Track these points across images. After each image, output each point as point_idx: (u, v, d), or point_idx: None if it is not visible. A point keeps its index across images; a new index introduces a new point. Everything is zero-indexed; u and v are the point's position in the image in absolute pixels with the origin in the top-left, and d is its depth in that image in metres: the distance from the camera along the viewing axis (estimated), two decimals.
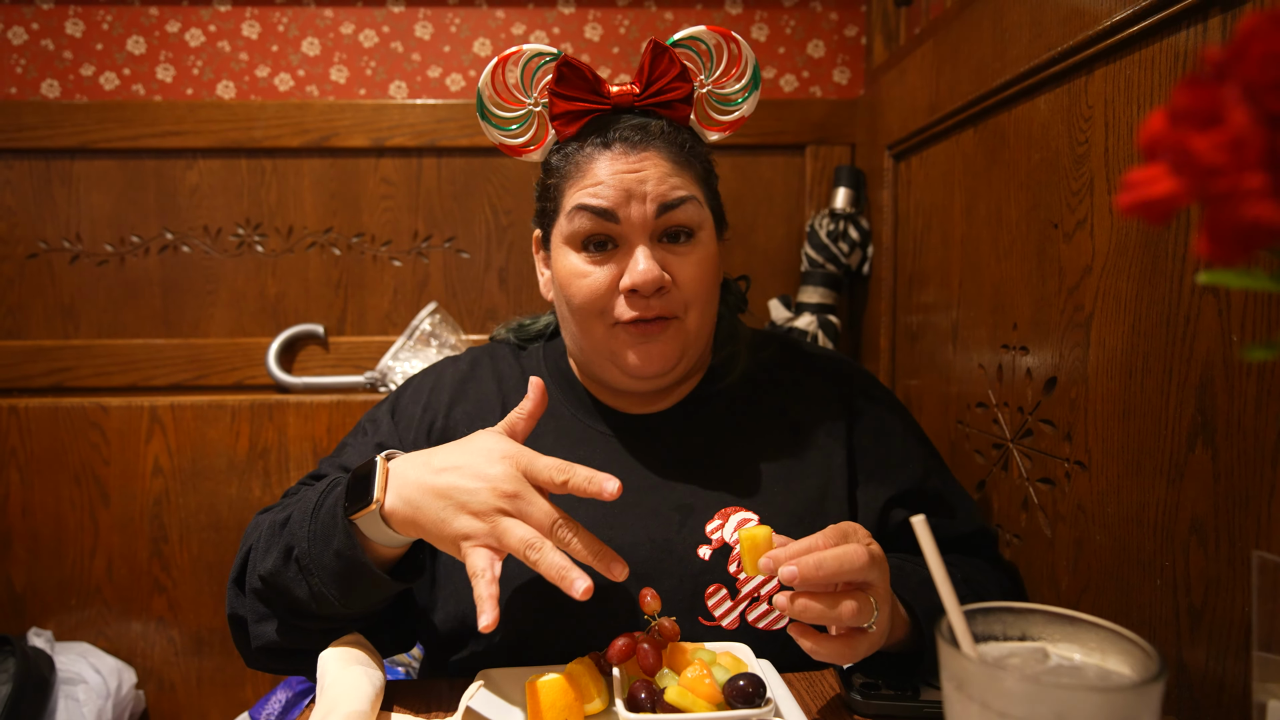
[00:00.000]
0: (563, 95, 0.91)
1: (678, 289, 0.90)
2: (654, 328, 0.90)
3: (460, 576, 0.91)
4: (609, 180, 0.88)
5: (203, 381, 1.75)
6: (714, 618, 0.88)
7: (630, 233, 0.89)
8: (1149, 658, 0.48)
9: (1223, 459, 0.73)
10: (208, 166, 1.74)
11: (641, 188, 0.88)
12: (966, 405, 1.22)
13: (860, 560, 0.70)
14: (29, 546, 1.68)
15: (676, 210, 0.89)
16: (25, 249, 1.73)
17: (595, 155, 0.89)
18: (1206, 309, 0.74)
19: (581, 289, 0.90)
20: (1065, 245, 0.95)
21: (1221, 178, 0.28)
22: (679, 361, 0.94)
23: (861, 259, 1.66)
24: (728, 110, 0.96)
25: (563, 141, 0.94)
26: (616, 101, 0.91)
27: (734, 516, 0.92)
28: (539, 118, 0.94)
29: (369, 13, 1.80)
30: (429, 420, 1.01)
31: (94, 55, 1.77)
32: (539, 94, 0.93)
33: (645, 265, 0.87)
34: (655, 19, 1.82)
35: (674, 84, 0.91)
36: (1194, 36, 0.75)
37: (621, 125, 0.90)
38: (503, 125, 0.94)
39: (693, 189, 0.91)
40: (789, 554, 0.70)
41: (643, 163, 0.88)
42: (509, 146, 0.95)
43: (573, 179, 0.91)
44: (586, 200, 0.88)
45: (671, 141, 0.91)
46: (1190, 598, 0.76)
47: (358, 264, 1.78)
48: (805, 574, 0.68)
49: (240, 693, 1.73)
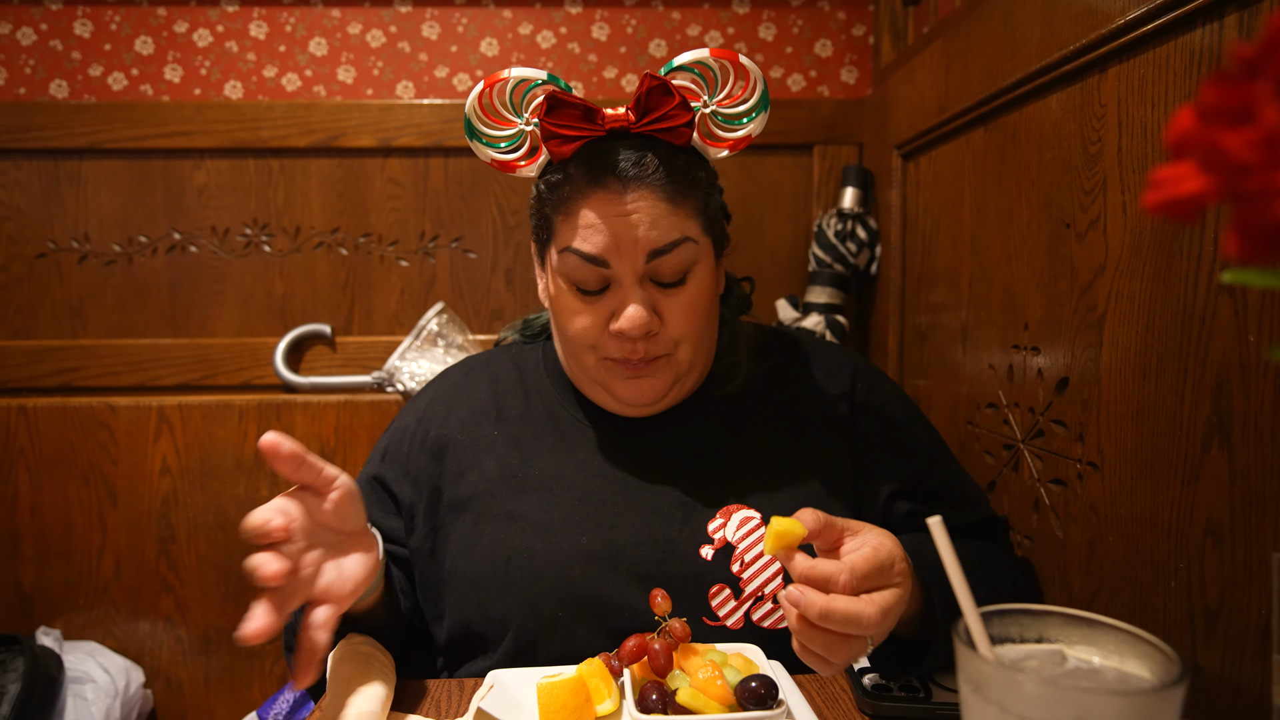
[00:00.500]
0: (555, 124, 0.87)
1: (666, 330, 0.89)
2: (642, 366, 0.90)
3: (463, 586, 0.91)
4: (598, 225, 0.86)
5: (210, 381, 1.75)
6: (718, 617, 0.88)
7: (620, 275, 0.87)
8: (1169, 661, 0.48)
9: (1239, 460, 0.72)
10: (215, 166, 1.74)
11: (632, 233, 0.85)
12: (976, 406, 1.22)
13: (869, 624, 0.66)
14: (37, 546, 1.69)
15: (667, 255, 0.87)
16: (34, 249, 1.73)
17: (586, 192, 0.86)
18: (1222, 309, 0.73)
19: (573, 325, 0.91)
20: (1078, 245, 0.95)
21: (1253, 176, 0.28)
22: (670, 390, 0.94)
23: (869, 259, 1.65)
24: (732, 129, 0.92)
25: (556, 163, 0.90)
26: (611, 128, 0.86)
27: (736, 515, 0.91)
28: (531, 135, 0.91)
29: (376, 13, 1.80)
30: (424, 431, 1.02)
31: (102, 56, 1.77)
32: (530, 113, 0.90)
33: (632, 311, 0.86)
34: (662, 18, 1.82)
35: (673, 113, 0.86)
36: (1210, 35, 0.74)
37: (615, 157, 0.86)
38: (493, 143, 0.92)
39: (687, 225, 0.88)
40: (804, 575, 0.68)
41: (635, 204, 0.85)
42: (500, 163, 0.92)
43: (562, 213, 0.89)
44: (576, 246, 0.87)
45: (668, 175, 0.86)
46: (1206, 600, 0.76)
47: (365, 264, 1.78)
48: (807, 615, 0.67)
49: (247, 692, 1.73)
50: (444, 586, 0.94)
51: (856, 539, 0.72)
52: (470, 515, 0.94)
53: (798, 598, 0.67)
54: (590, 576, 0.88)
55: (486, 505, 0.94)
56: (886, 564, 0.70)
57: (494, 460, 0.97)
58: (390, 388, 1.70)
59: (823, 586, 0.68)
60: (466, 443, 0.99)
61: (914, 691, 0.80)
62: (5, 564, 1.68)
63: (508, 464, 0.96)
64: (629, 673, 0.75)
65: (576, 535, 0.90)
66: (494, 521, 0.93)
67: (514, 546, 0.90)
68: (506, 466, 0.96)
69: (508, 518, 0.92)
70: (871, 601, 0.67)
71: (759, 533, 0.90)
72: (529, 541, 0.90)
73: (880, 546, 0.71)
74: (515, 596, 0.89)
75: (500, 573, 0.90)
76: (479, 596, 0.90)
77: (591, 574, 0.89)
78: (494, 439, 0.99)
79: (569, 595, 0.88)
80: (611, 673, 0.78)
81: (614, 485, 0.94)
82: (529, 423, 1.00)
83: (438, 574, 0.95)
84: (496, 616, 0.89)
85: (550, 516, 0.92)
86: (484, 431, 0.99)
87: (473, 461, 0.97)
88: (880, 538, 0.72)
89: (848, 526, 0.73)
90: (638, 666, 0.76)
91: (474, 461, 0.97)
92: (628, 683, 0.74)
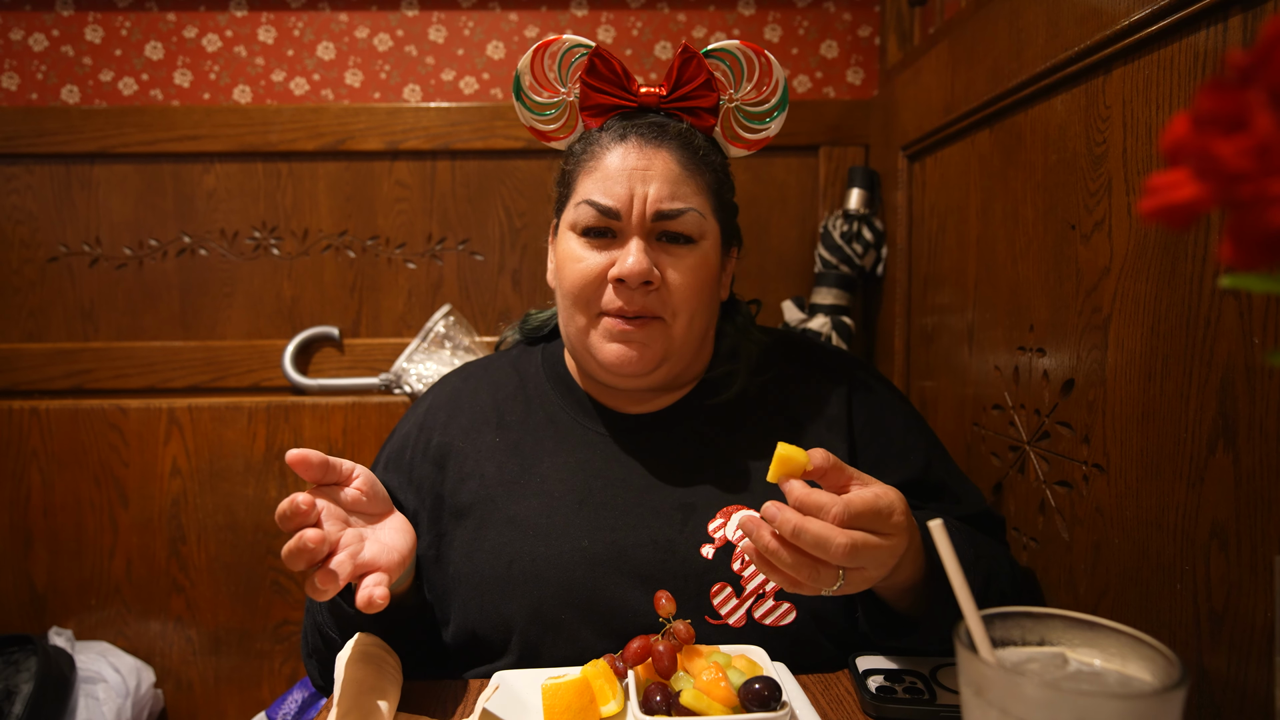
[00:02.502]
0: (593, 86, 0.94)
1: (667, 290, 0.91)
2: (635, 326, 0.91)
3: (467, 591, 0.92)
4: (617, 176, 0.90)
5: (220, 383, 1.76)
6: (720, 616, 0.88)
7: (628, 228, 0.91)
8: (1170, 664, 0.48)
9: (1244, 463, 0.72)
10: (224, 170, 1.76)
11: (644, 188, 0.90)
12: (983, 407, 1.22)
13: (837, 552, 0.67)
14: (50, 547, 1.71)
15: (673, 220, 0.91)
16: (46, 252, 1.75)
17: (610, 146, 0.93)
18: (1227, 311, 0.73)
19: (575, 272, 0.92)
20: (1083, 246, 0.94)
21: (1247, 184, 0.28)
22: (659, 364, 0.94)
23: (876, 260, 1.65)
24: (755, 130, 0.98)
25: (587, 131, 0.97)
26: (643, 100, 0.95)
27: (736, 515, 0.92)
28: (571, 108, 0.98)
29: (383, 17, 1.81)
30: (426, 439, 1.03)
31: (113, 61, 1.79)
32: (573, 83, 0.97)
33: (635, 259, 0.88)
34: (668, 21, 1.82)
35: (700, 91, 0.94)
36: (1214, 36, 0.74)
37: (641, 121, 0.93)
38: (537, 110, 0.98)
39: (697, 199, 0.92)
40: (798, 500, 0.69)
41: (653, 159, 0.91)
42: (539, 131, 1.00)
43: (585, 166, 0.94)
44: (593, 197, 0.91)
45: (686, 144, 0.93)
46: (1211, 603, 0.76)
47: (372, 266, 1.79)
48: (780, 530, 0.68)
49: (257, 692, 1.74)
50: (448, 592, 0.95)
51: (865, 488, 0.72)
52: (472, 521, 0.95)
53: (774, 514, 0.68)
54: (593, 579, 0.89)
55: (488, 511, 0.95)
56: (884, 511, 0.70)
57: (495, 466, 0.97)
58: (398, 389, 1.71)
59: (813, 514, 0.68)
60: (468, 449, 0.99)
61: (918, 694, 0.80)
62: (19, 564, 1.70)
63: (508, 469, 0.97)
64: (633, 674, 0.76)
65: (578, 538, 0.91)
66: (496, 527, 0.93)
67: (516, 551, 0.91)
68: (507, 472, 0.97)
69: (509, 522, 0.93)
70: (845, 533, 0.67)
71: None
72: (531, 546, 0.91)
73: (883, 495, 0.71)
74: (519, 601, 0.89)
75: (503, 577, 0.90)
76: (482, 601, 0.91)
77: (594, 576, 0.89)
78: (495, 445, 0.99)
79: (572, 598, 0.88)
80: (616, 674, 0.79)
81: (614, 488, 0.94)
82: (529, 428, 1.00)
83: (442, 580, 0.96)
84: (500, 621, 0.90)
85: (552, 520, 0.92)
86: (485, 438, 1.00)
87: (474, 468, 0.98)
88: (887, 490, 0.72)
89: (857, 475, 0.73)
90: (642, 668, 0.77)
91: (475, 468, 0.98)
92: (632, 684, 0.74)
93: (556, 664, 0.87)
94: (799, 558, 0.68)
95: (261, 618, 1.71)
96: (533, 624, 0.89)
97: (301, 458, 0.74)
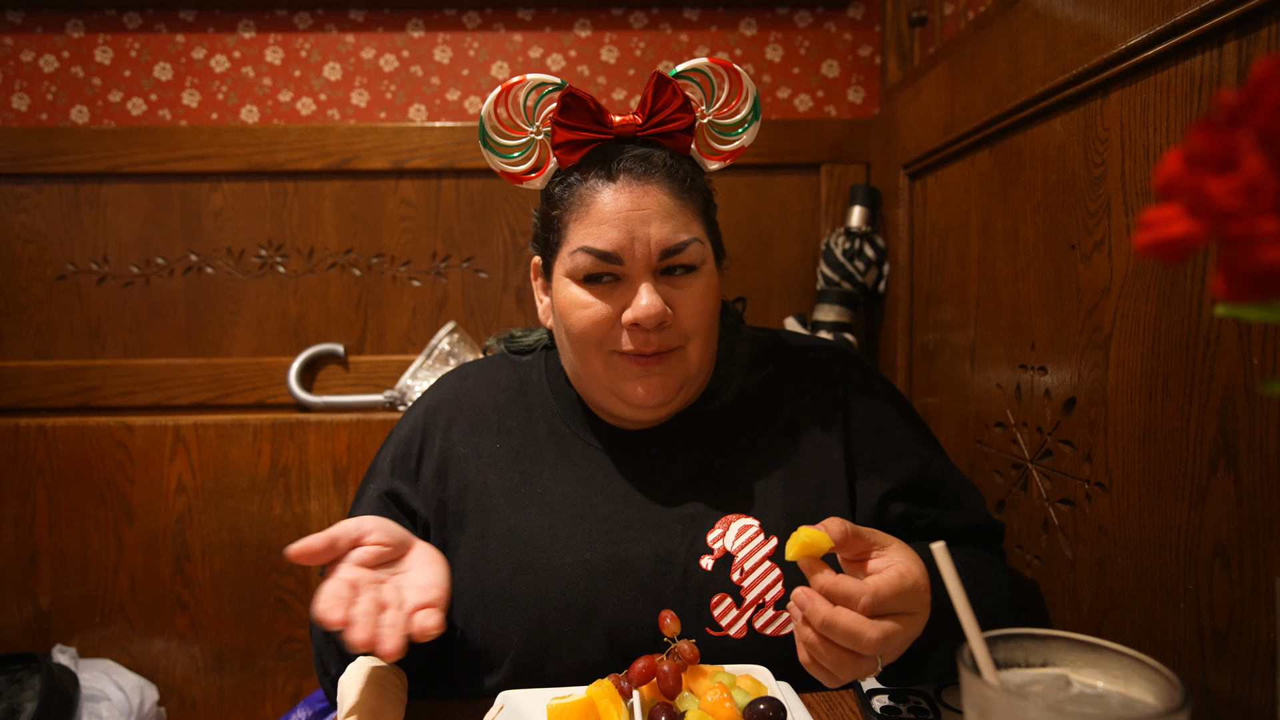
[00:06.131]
0: (566, 125, 0.91)
1: (678, 322, 0.91)
2: (654, 361, 0.91)
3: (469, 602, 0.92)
4: (612, 219, 0.89)
5: (225, 401, 1.77)
6: (721, 627, 0.88)
7: (633, 271, 0.90)
8: (1173, 686, 0.48)
9: (1245, 483, 0.72)
10: (231, 189, 1.77)
11: (645, 229, 0.88)
12: (985, 425, 1.22)
13: (867, 645, 0.66)
14: (54, 564, 1.71)
15: (678, 255, 0.90)
16: (54, 270, 1.76)
17: (599, 188, 0.90)
18: (1227, 332, 0.74)
19: (583, 319, 0.91)
20: (1083, 266, 0.95)
21: (1237, 221, 0.29)
22: (680, 391, 0.95)
23: (877, 277, 1.66)
24: (728, 140, 0.98)
25: (564, 170, 0.94)
26: (619, 131, 0.92)
27: (734, 524, 0.92)
28: (540, 145, 0.95)
29: (389, 38, 1.83)
30: (428, 443, 1.02)
31: (122, 82, 1.81)
32: (541, 122, 0.94)
33: (648, 300, 0.88)
34: (670, 41, 1.85)
35: (676, 115, 0.92)
36: (1210, 61, 0.75)
37: (624, 156, 0.91)
38: (504, 153, 0.95)
39: (694, 227, 0.92)
40: (825, 589, 0.68)
41: (645, 198, 0.89)
42: (510, 174, 0.96)
43: (576, 212, 0.91)
44: (590, 244, 0.89)
45: (673, 175, 0.91)
46: (1215, 622, 0.76)
47: (377, 284, 1.80)
48: (810, 620, 0.67)
49: (260, 710, 1.74)
50: (451, 602, 0.95)
51: (884, 558, 0.72)
52: (474, 530, 0.95)
53: (804, 601, 0.68)
54: (594, 591, 0.89)
55: (490, 521, 0.95)
56: (910, 591, 0.70)
57: (496, 474, 0.98)
58: (402, 406, 1.72)
59: (841, 604, 0.68)
60: (469, 455, 1.00)
61: (923, 714, 0.80)
62: (23, 582, 1.70)
63: (510, 479, 0.97)
64: (638, 694, 0.76)
65: (580, 551, 0.91)
66: (498, 537, 0.94)
67: (518, 563, 0.92)
68: (509, 481, 0.97)
69: (511, 533, 0.94)
70: (876, 625, 0.67)
71: (757, 540, 0.91)
72: (533, 558, 0.92)
73: (908, 573, 0.70)
74: (521, 613, 0.90)
75: (505, 589, 0.91)
76: (484, 612, 0.91)
77: (596, 589, 0.90)
78: (496, 452, 1.00)
79: (573, 610, 0.89)
80: (621, 694, 0.79)
81: (615, 501, 0.95)
82: (530, 438, 1.01)
83: None
84: (502, 632, 0.90)
85: (554, 532, 0.93)
86: (485, 444, 1.00)
87: (475, 475, 0.98)
88: (908, 562, 0.72)
89: (875, 540, 0.73)
90: (647, 688, 0.77)
91: (476, 475, 0.98)
92: (636, 704, 0.74)
93: (558, 676, 0.87)
94: (839, 655, 0.68)
95: (265, 635, 1.71)
96: (534, 636, 0.89)
97: (303, 551, 0.72)
